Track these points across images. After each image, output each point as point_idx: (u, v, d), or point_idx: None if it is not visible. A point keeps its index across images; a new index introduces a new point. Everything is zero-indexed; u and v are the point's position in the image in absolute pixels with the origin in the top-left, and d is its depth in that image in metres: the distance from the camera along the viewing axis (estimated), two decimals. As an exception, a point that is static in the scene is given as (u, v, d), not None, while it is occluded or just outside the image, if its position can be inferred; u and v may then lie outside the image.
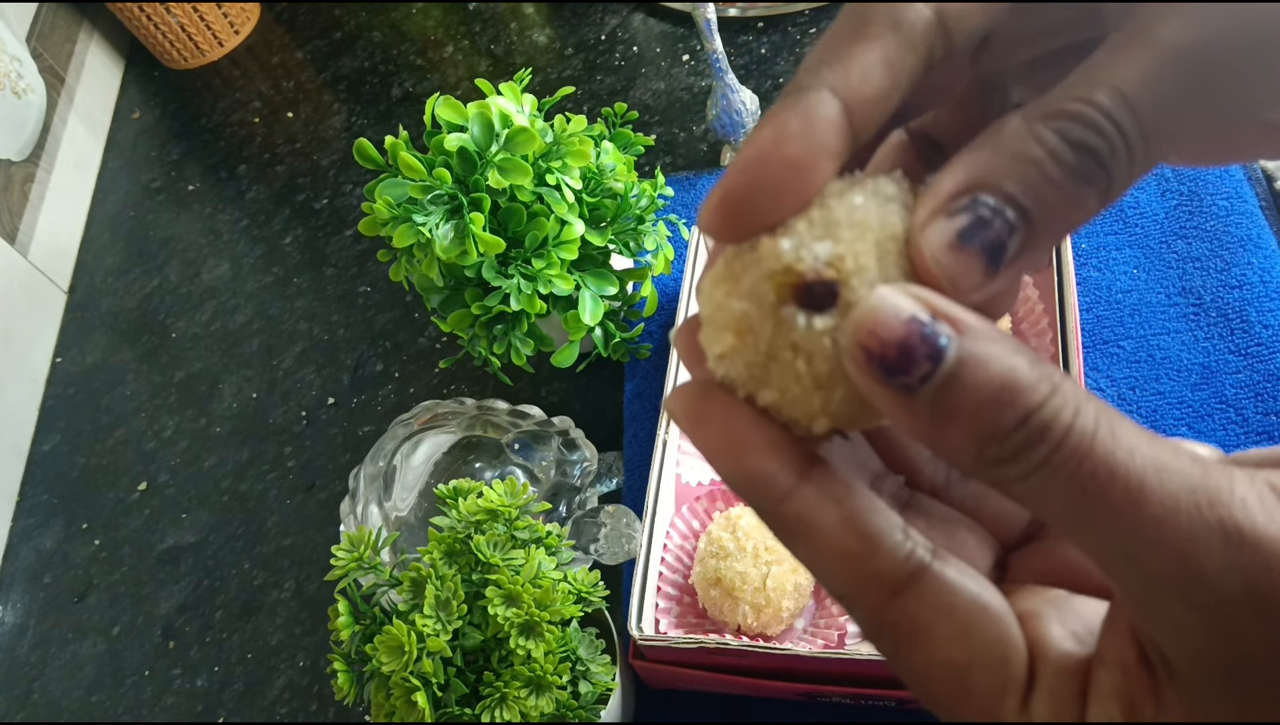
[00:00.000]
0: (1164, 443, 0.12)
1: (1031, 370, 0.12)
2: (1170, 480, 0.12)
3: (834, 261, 0.14)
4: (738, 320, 0.14)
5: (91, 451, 0.71)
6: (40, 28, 0.87)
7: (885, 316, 0.13)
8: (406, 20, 0.90)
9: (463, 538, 0.41)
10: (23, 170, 0.80)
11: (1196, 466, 0.12)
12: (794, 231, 0.14)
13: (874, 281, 0.14)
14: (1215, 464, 0.12)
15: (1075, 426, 0.12)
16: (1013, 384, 0.12)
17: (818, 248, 0.14)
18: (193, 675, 0.59)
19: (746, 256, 0.14)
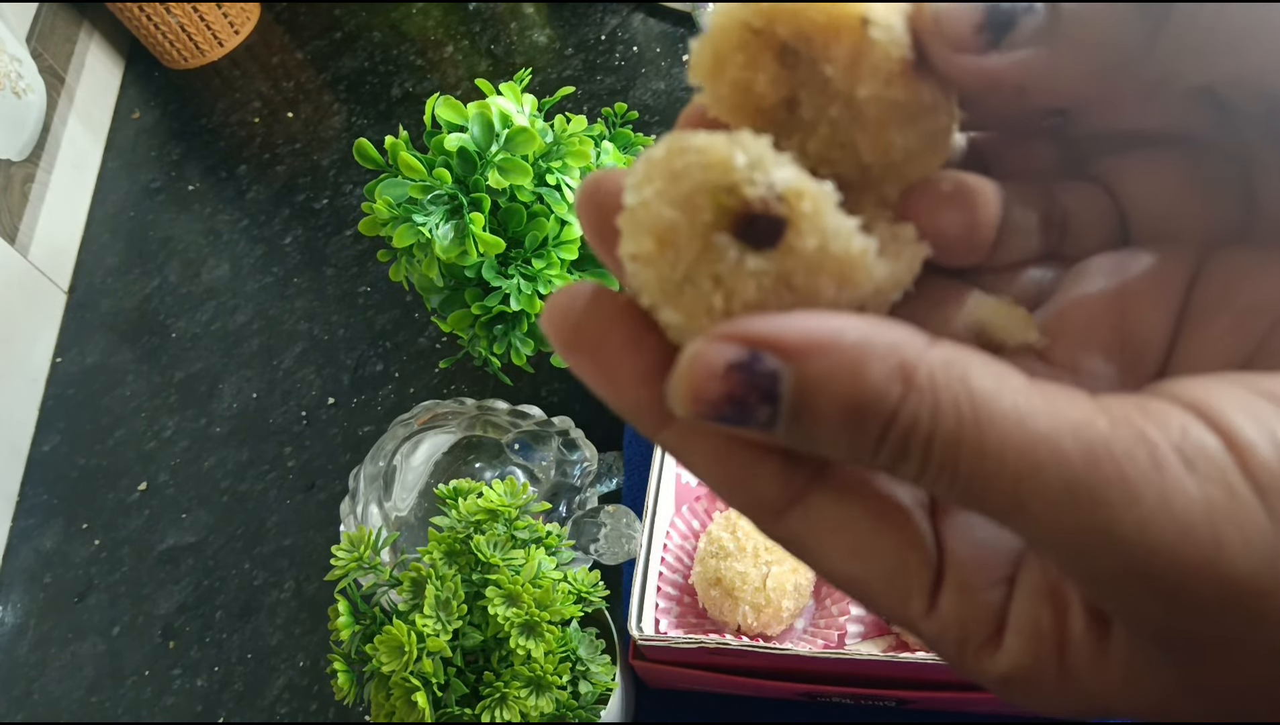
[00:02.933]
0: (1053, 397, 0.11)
1: (879, 371, 0.11)
2: (1064, 445, 0.11)
3: (789, 196, 0.12)
4: (662, 228, 0.12)
5: (91, 452, 0.71)
6: (40, 28, 0.87)
7: (701, 374, 0.12)
8: (406, 20, 0.90)
9: (463, 538, 0.41)
10: (22, 170, 0.80)
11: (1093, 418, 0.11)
12: (752, 144, 0.12)
13: (832, 231, 0.12)
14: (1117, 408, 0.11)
15: (938, 429, 0.11)
16: (859, 402, 0.11)
17: (775, 174, 0.12)
18: (192, 675, 0.58)
19: (692, 153, 0.12)
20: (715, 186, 0.12)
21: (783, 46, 0.14)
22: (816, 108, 0.14)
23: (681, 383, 0.12)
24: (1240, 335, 0.14)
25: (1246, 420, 0.11)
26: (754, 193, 0.12)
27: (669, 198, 0.12)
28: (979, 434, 0.11)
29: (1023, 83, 0.13)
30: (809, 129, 0.15)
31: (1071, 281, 0.15)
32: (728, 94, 0.14)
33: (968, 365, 0.11)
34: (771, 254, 0.12)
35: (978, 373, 0.11)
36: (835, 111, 0.14)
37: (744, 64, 0.14)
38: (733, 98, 0.14)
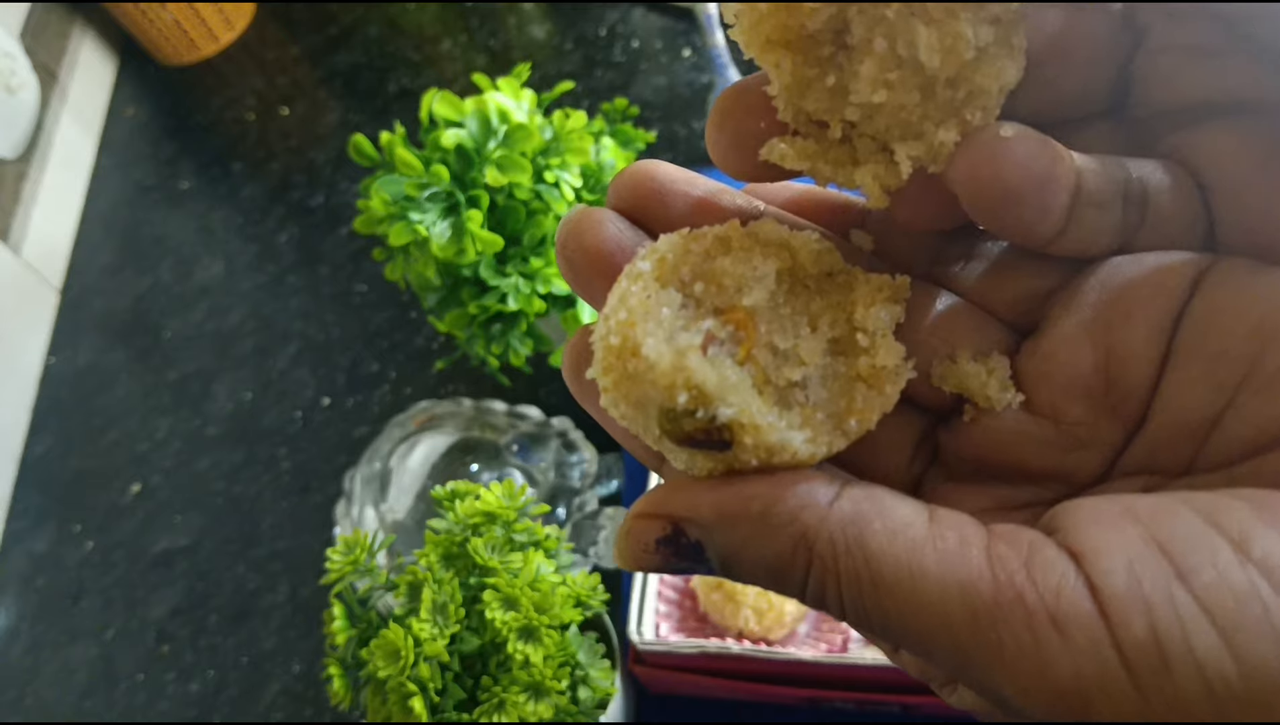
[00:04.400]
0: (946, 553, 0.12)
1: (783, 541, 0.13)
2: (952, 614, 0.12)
3: (731, 426, 0.13)
4: (620, 412, 0.14)
5: (84, 453, 0.70)
6: (33, 24, 0.87)
7: (636, 548, 0.14)
8: (403, 15, 0.89)
9: (460, 541, 0.40)
10: (15, 168, 0.79)
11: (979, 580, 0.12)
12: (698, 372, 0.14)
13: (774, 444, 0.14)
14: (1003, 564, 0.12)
15: (844, 595, 0.13)
16: (772, 568, 0.13)
17: (720, 411, 0.13)
18: (187, 680, 0.58)
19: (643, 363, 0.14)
20: (660, 409, 0.14)
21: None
22: (870, 20, 0.14)
23: (622, 552, 0.14)
24: (1210, 386, 0.14)
25: (1124, 583, 0.11)
26: (694, 425, 0.14)
27: (624, 393, 0.14)
28: (878, 599, 0.12)
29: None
30: (861, 52, 0.14)
31: (1061, 312, 0.15)
32: (769, 11, 0.14)
33: (864, 527, 0.13)
34: (717, 454, 0.14)
35: (875, 533, 0.13)
36: (892, 12, 0.14)
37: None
38: (773, 16, 0.14)
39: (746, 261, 0.15)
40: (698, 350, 0.14)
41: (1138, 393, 0.15)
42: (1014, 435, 0.16)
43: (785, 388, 0.15)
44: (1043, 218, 0.14)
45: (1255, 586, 0.11)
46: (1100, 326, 0.15)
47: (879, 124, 0.15)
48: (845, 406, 0.15)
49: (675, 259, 0.15)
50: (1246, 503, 0.12)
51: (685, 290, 0.15)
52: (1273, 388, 0.13)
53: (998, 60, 0.14)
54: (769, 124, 0.15)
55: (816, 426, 0.15)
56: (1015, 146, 0.14)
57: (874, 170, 0.15)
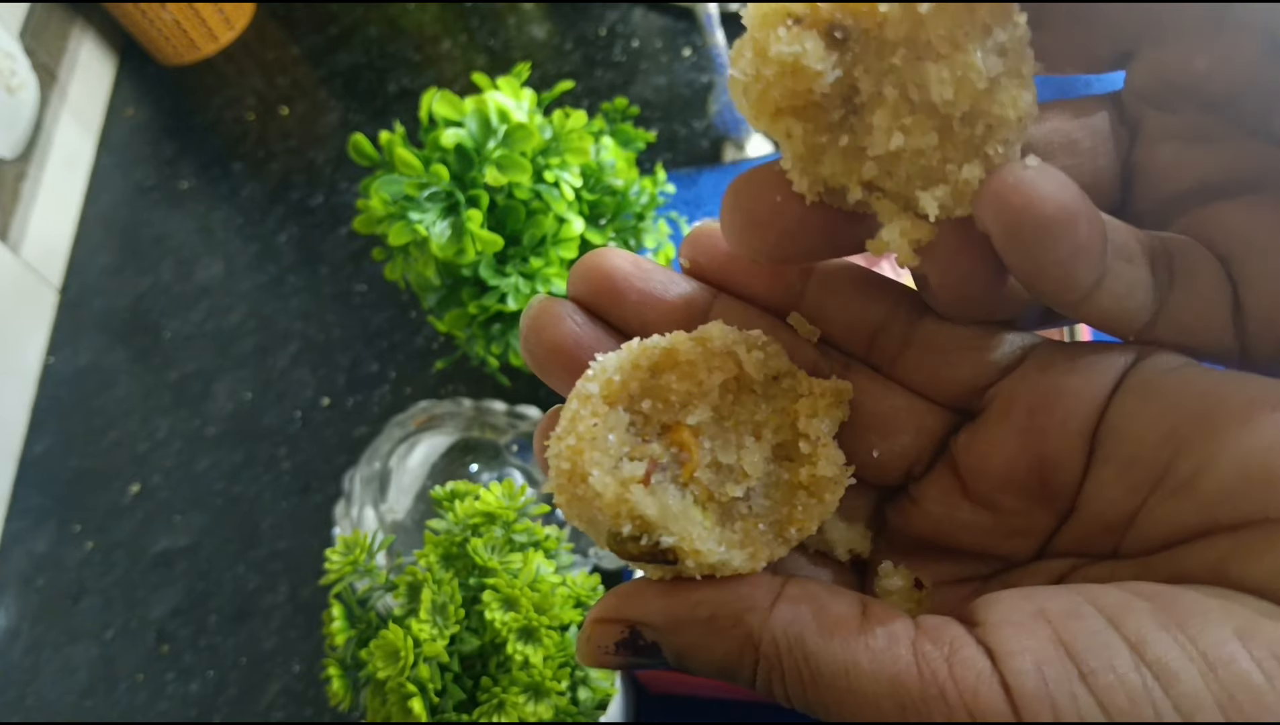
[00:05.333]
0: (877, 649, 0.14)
1: (730, 643, 0.14)
2: (883, 705, 0.13)
3: (675, 549, 0.15)
4: (579, 524, 0.16)
5: (84, 453, 0.70)
6: (33, 23, 0.86)
7: (597, 651, 0.15)
8: (403, 15, 0.89)
9: (460, 541, 0.40)
10: (15, 167, 0.79)
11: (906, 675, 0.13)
12: (640, 502, 0.15)
13: (714, 562, 0.15)
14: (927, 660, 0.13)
15: (789, 688, 0.14)
16: (721, 667, 0.15)
17: (663, 539, 0.15)
18: (187, 680, 0.58)
19: (589, 490, 0.15)
20: (608, 532, 0.15)
21: (829, 26, 0.14)
22: (878, 73, 0.14)
23: (584, 653, 0.16)
24: (1125, 487, 0.15)
25: (1033, 683, 0.13)
26: (639, 549, 0.15)
27: (575, 512, 0.15)
28: (819, 694, 0.14)
29: None
30: (870, 103, 0.14)
31: (997, 412, 0.16)
32: (779, 74, 0.14)
33: (803, 627, 0.14)
34: (665, 566, 0.15)
35: (811, 633, 0.14)
36: (899, 59, 0.14)
37: (790, 39, 0.14)
38: (783, 80, 0.14)
39: (692, 376, 0.16)
40: (639, 482, 0.15)
41: (1066, 489, 0.16)
42: (954, 521, 0.17)
43: (728, 503, 0.16)
44: (1076, 258, 0.14)
45: (1148, 689, 0.12)
46: (1032, 432, 0.16)
47: (900, 177, 0.15)
48: (786, 514, 0.16)
49: (623, 378, 0.16)
50: (1148, 603, 0.13)
51: (633, 408, 0.16)
52: (1179, 495, 0.14)
53: (1011, 89, 0.14)
54: (785, 197, 0.15)
55: (757, 539, 0.16)
56: (1044, 176, 0.14)
57: (900, 226, 0.15)
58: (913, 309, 0.17)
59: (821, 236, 0.16)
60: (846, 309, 0.17)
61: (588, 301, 0.17)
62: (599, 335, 0.17)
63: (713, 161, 0.67)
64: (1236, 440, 0.14)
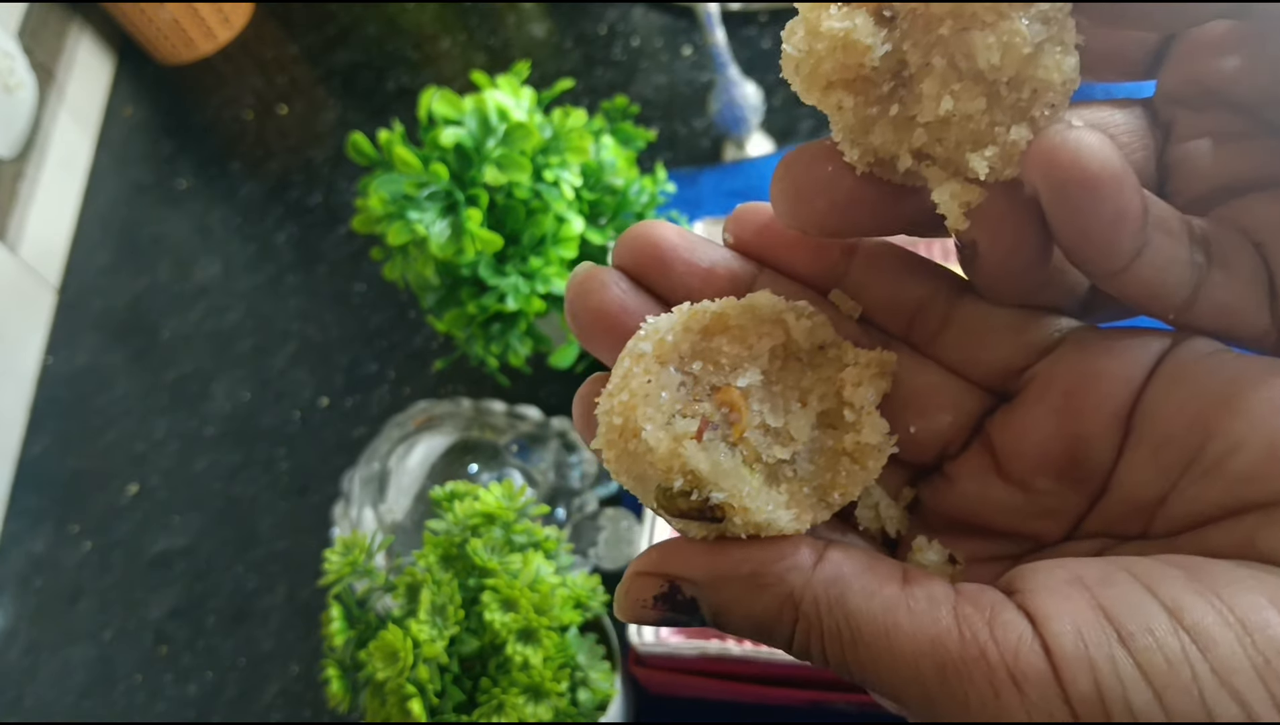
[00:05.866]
0: (917, 611, 0.14)
1: (770, 600, 0.15)
2: (922, 667, 0.14)
3: (724, 506, 0.15)
4: (623, 479, 0.16)
5: (82, 454, 0.70)
6: (31, 23, 0.86)
7: (635, 604, 0.15)
8: (402, 14, 0.89)
9: (459, 542, 0.40)
10: (13, 167, 0.79)
11: (946, 636, 0.14)
12: (693, 457, 0.15)
13: (760, 521, 0.15)
14: (968, 623, 0.14)
15: (827, 648, 0.14)
16: (760, 624, 0.15)
17: (713, 494, 0.15)
18: (185, 681, 0.58)
19: (641, 445, 0.15)
20: (658, 487, 0.15)
21: (878, 4, 0.15)
22: (925, 45, 0.15)
23: (622, 607, 0.16)
24: (1157, 470, 0.15)
25: (1073, 645, 0.13)
26: (688, 504, 0.15)
27: (625, 468, 0.15)
28: (857, 654, 0.14)
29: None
30: (919, 74, 0.15)
31: (1033, 394, 0.17)
32: (829, 50, 0.15)
33: (845, 587, 0.14)
34: (711, 524, 0.15)
35: (854, 593, 0.14)
36: (946, 29, 0.14)
37: (842, 15, 0.14)
38: (833, 56, 0.15)
39: (742, 340, 0.16)
40: (692, 438, 0.15)
41: (1099, 470, 0.16)
42: (987, 500, 0.17)
43: (774, 465, 0.16)
44: (1120, 222, 0.14)
45: (1186, 652, 0.12)
46: (1068, 413, 0.16)
47: (949, 142, 0.15)
48: (830, 480, 0.16)
49: (675, 339, 0.16)
50: (1182, 571, 0.14)
51: (684, 368, 0.16)
52: (1209, 475, 0.15)
53: (1055, 54, 0.14)
54: (836, 169, 0.16)
55: (802, 501, 0.16)
56: (1090, 137, 0.14)
57: (950, 188, 0.15)
58: (953, 290, 0.17)
59: (871, 210, 0.16)
60: (888, 287, 0.18)
61: (633, 270, 0.17)
62: (644, 303, 0.17)
63: (713, 160, 0.67)
64: (1265, 422, 0.14)
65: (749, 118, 0.62)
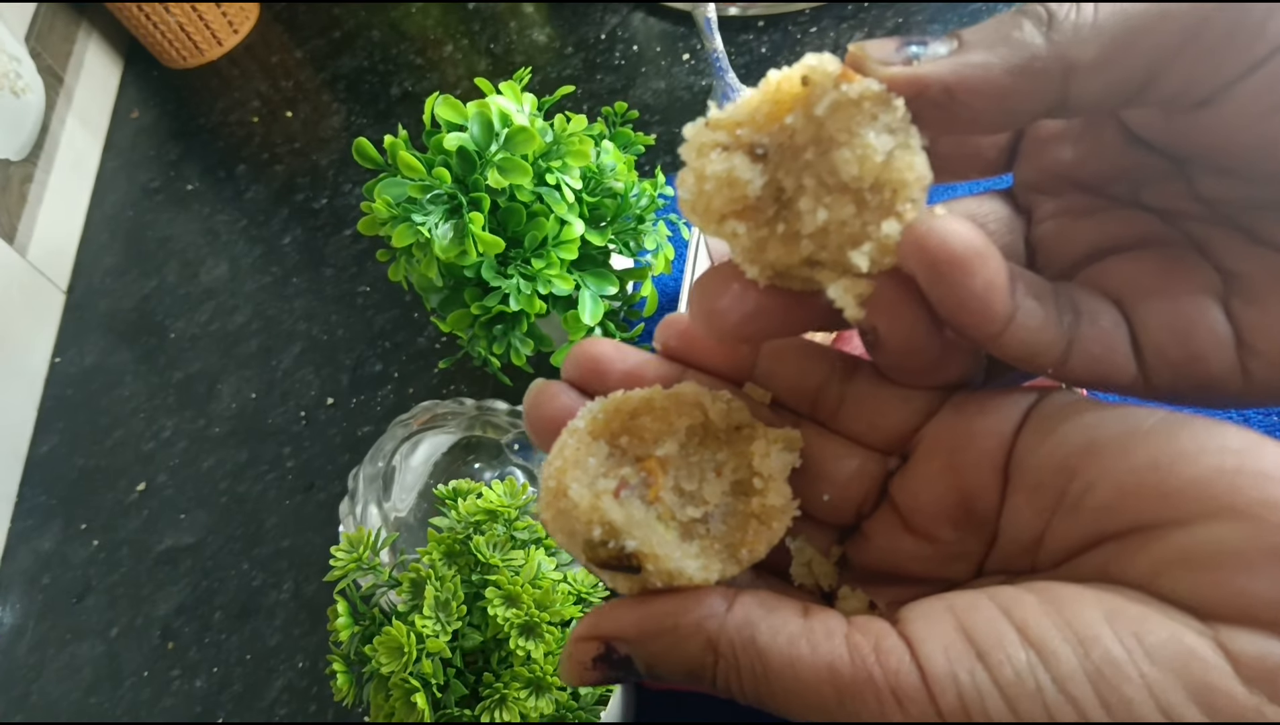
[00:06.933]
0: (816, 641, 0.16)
1: (694, 647, 0.16)
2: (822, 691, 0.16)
3: (638, 555, 0.17)
4: (556, 539, 0.18)
5: (90, 452, 0.71)
6: (39, 27, 0.87)
7: (578, 667, 0.17)
8: (406, 19, 0.89)
9: (462, 538, 0.41)
10: (21, 170, 0.80)
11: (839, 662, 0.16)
12: (610, 512, 0.17)
13: (672, 570, 0.17)
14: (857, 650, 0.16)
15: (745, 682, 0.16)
16: (688, 669, 0.17)
17: (627, 543, 0.17)
18: (191, 676, 0.58)
19: (566, 502, 0.17)
20: (583, 540, 0.17)
21: (750, 145, 0.17)
22: (796, 170, 0.17)
23: (565, 670, 0.18)
24: (1033, 512, 0.17)
25: (941, 664, 0.15)
26: (608, 554, 0.17)
27: (558, 526, 0.18)
28: (770, 686, 0.16)
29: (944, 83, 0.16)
30: (795, 196, 0.18)
31: (923, 454, 0.19)
32: (715, 190, 0.17)
33: (754, 628, 0.16)
34: (631, 576, 0.17)
35: (761, 631, 0.16)
36: (810, 155, 0.17)
37: (721, 160, 0.17)
38: (719, 195, 0.17)
39: (665, 420, 0.19)
40: (610, 494, 0.18)
41: (988, 517, 0.18)
42: (900, 552, 0.19)
43: (688, 523, 0.18)
44: (990, 290, 0.16)
45: (1031, 666, 0.15)
46: (953, 470, 0.18)
47: (833, 246, 0.17)
48: (740, 538, 0.18)
49: (606, 417, 0.19)
50: (1035, 595, 0.16)
51: (612, 442, 0.19)
52: (1073, 513, 0.17)
53: (905, 157, 0.16)
54: (741, 286, 0.18)
55: (713, 556, 0.18)
56: (951, 222, 0.16)
57: (842, 285, 0.17)
58: (847, 370, 0.20)
59: (778, 316, 0.19)
60: (791, 375, 0.20)
61: (578, 381, 0.20)
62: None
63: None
64: (1114, 462, 0.16)
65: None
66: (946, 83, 0.16)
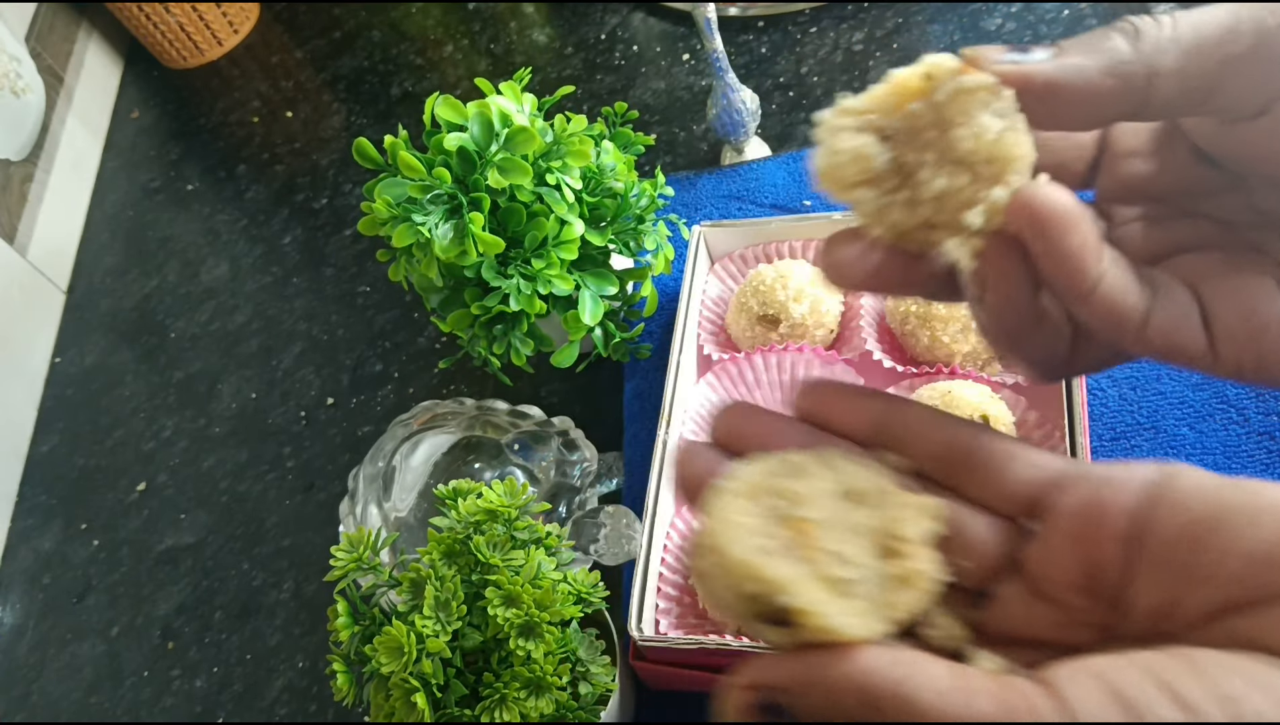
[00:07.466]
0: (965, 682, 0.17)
1: (845, 695, 0.17)
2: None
3: (791, 611, 0.18)
4: (713, 597, 0.19)
5: (90, 452, 0.71)
6: (39, 27, 0.87)
7: (742, 710, 0.18)
8: (406, 19, 0.89)
9: (462, 538, 0.41)
10: (21, 170, 0.80)
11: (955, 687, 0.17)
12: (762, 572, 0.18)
13: (829, 627, 0.18)
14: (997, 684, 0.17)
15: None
16: (843, 715, 0.17)
17: (779, 599, 0.18)
18: (191, 676, 0.58)
19: (718, 556, 0.18)
20: (738, 596, 0.18)
21: (878, 127, 0.20)
22: (917, 148, 0.20)
23: (726, 713, 0.19)
24: (1162, 586, 0.18)
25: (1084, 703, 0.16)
26: (763, 609, 0.18)
27: (712, 583, 0.19)
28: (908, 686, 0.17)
29: (1048, 78, 0.19)
30: (916, 168, 0.20)
31: (1052, 527, 0.20)
32: (846, 163, 0.20)
33: (909, 681, 0.17)
34: (785, 629, 0.18)
35: (916, 685, 0.17)
36: (932, 135, 0.20)
37: (854, 135, 0.20)
38: (849, 167, 0.20)
39: (811, 483, 0.20)
40: (767, 553, 0.18)
41: (1119, 587, 0.19)
42: (1031, 618, 0.20)
43: (837, 582, 0.19)
44: (1084, 249, 0.19)
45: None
46: (1082, 540, 0.19)
47: (949, 210, 0.20)
48: (890, 601, 0.19)
49: (758, 480, 0.20)
50: (1180, 660, 0.16)
51: (762, 503, 0.20)
52: (1207, 584, 0.18)
53: (1013, 136, 0.19)
54: (867, 244, 0.21)
55: (863, 614, 0.19)
56: (1054, 188, 0.19)
57: (957, 241, 0.20)
58: (982, 438, 0.21)
59: (895, 273, 0.21)
60: (924, 442, 0.22)
61: (723, 443, 0.22)
62: (730, 466, 0.22)
63: (711, 164, 0.68)
64: (1243, 532, 0.17)
65: (746, 123, 0.63)
66: (1050, 78, 0.19)
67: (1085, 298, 0.19)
